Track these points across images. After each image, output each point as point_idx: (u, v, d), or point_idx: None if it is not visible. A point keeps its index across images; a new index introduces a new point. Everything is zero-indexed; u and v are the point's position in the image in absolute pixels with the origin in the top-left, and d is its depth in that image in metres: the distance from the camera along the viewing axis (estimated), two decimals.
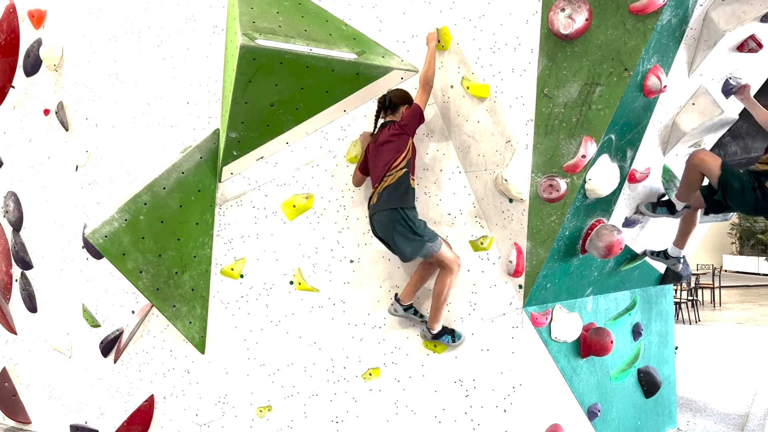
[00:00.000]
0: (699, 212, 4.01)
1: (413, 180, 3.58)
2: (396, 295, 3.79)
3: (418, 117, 3.55)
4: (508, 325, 3.76)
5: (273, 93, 3.61)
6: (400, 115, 3.64)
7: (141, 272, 3.75)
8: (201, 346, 3.94)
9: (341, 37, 3.78)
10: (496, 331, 3.77)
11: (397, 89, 3.67)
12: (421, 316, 3.77)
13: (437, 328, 3.70)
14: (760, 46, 3.53)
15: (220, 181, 3.90)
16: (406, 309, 3.74)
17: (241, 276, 3.92)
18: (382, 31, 3.81)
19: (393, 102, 3.66)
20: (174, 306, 3.86)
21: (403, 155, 3.52)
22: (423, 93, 3.55)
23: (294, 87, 3.63)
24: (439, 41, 3.61)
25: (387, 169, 3.51)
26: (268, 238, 3.91)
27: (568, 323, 3.90)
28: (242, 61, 3.42)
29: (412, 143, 3.59)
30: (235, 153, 3.78)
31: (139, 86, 4.38)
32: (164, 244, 3.78)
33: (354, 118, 3.90)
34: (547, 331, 3.87)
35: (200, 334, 3.93)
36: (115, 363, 4.43)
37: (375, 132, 3.73)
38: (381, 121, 3.73)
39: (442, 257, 3.55)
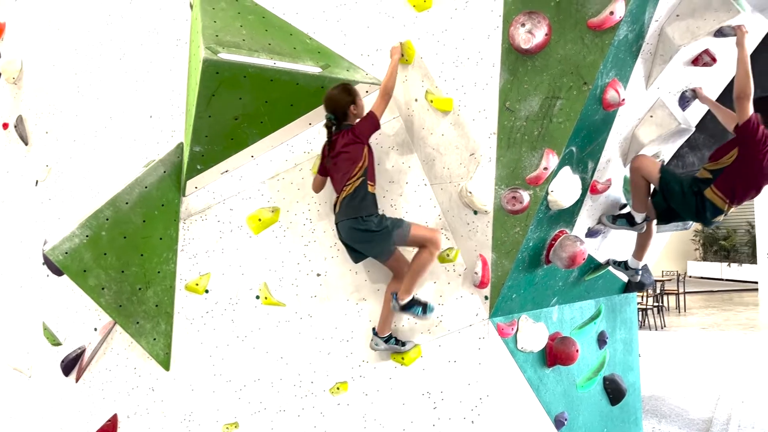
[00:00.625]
0: (654, 224, 4.10)
1: (371, 186, 3.52)
2: (373, 329, 3.78)
3: (373, 125, 3.47)
4: (474, 336, 3.78)
5: (237, 106, 3.60)
6: (352, 118, 3.53)
7: (103, 289, 3.69)
8: (166, 363, 3.88)
9: (306, 51, 3.79)
10: (462, 342, 3.79)
11: (333, 96, 3.49)
12: (404, 343, 3.75)
13: (406, 300, 3.54)
14: (714, 60, 3.64)
15: (184, 195, 3.85)
16: (387, 340, 3.72)
17: (206, 291, 3.87)
18: (346, 44, 3.83)
19: (339, 116, 3.51)
20: (138, 323, 3.79)
21: (359, 165, 3.46)
22: (381, 102, 3.49)
23: (258, 100, 3.63)
24: (402, 55, 3.63)
25: (345, 180, 3.48)
26: (234, 253, 3.87)
27: (534, 333, 3.94)
28: (205, 74, 3.41)
29: (368, 149, 3.52)
30: (199, 167, 3.76)
31: (101, 99, 4.32)
32: (127, 259, 3.72)
33: (320, 131, 3.89)
34: (514, 342, 3.90)
35: (165, 350, 3.87)
36: (77, 382, 4.32)
37: (329, 140, 3.59)
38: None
39: (416, 236, 3.51)
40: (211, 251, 3.88)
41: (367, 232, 3.44)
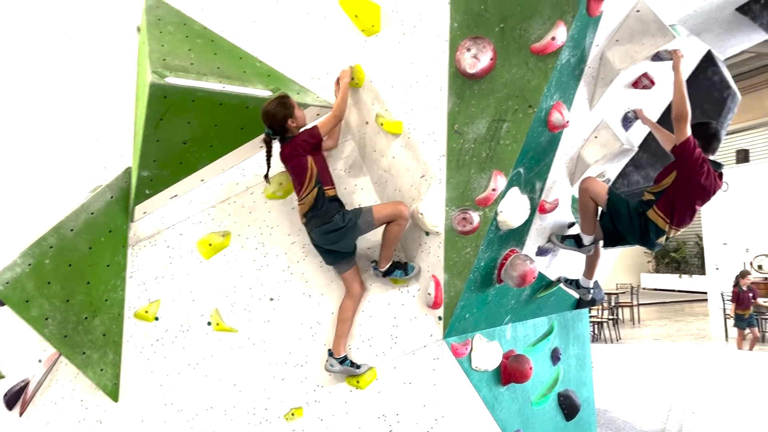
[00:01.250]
0: (601, 245, 4.20)
1: (329, 189, 3.56)
2: (329, 350, 3.76)
3: (312, 138, 3.48)
4: (429, 357, 3.79)
5: (186, 130, 3.56)
6: (293, 130, 3.52)
7: (47, 319, 3.57)
8: (114, 394, 3.77)
9: (256, 74, 3.79)
10: (417, 363, 3.79)
11: (269, 111, 3.45)
12: (358, 366, 3.74)
13: (385, 267, 3.72)
14: (652, 83, 3.77)
15: (132, 221, 3.78)
16: (342, 362, 3.70)
17: (156, 318, 3.79)
18: (296, 68, 3.84)
19: (278, 131, 3.50)
20: (84, 353, 3.68)
21: (307, 176, 3.49)
22: (330, 120, 3.53)
23: (207, 124, 3.60)
24: (353, 78, 3.66)
25: (300, 191, 3.54)
26: (184, 278, 3.81)
27: (488, 352, 3.97)
28: (152, 99, 3.37)
29: (316, 157, 3.52)
30: (147, 192, 3.69)
31: (47, 124, 4.22)
32: (72, 288, 3.62)
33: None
34: (468, 361, 3.92)
35: (113, 381, 3.76)
36: (20, 416, 4.16)
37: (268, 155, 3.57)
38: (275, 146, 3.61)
39: (381, 216, 3.58)
40: (160, 277, 3.81)
41: (335, 231, 3.52)
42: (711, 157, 3.72)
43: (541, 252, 4.16)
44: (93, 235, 3.68)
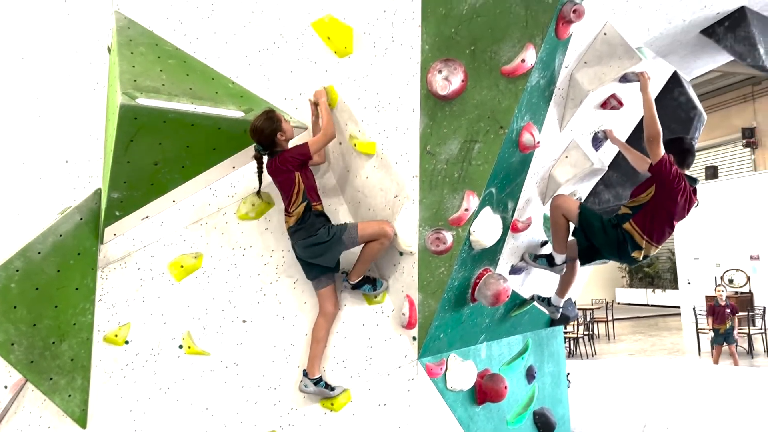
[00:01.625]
0: (577, 264, 4.22)
1: (316, 204, 3.60)
2: (304, 370, 3.72)
3: (301, 154, 3.51)
4: (404, 378, 3.78)
5: (157, 151, 3.53)
6: (283, 145, 3.55)
7: (13, 344, 3.49)
8: (82, 421, 3.67)
9: (228, 95, 3.77)
10: (392, 384, 3.77)
11: (257, 127, 3.48)
12: (333, 388, 3.71)
13: (356, 280, 3.73)
14: (620, 104, 3.84)
15: (102, 243, 3.72)
16: (316, 383, 3.67)
17: (126, 342, 3.72)
18: (269, 89, 3.84)
19: (267, 146, 3.53)
20: (51, 379, 3.60)
21: (294, 191, 3.53)
22: (321, 140, 3.53)
23: (179, 145, 3.57)
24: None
25: (288, 206, 3.57)
26: (155, 301, 3.75)
27: (462, 372, 3.97)
28: (123, 120, 3.34)
29: (303, 172, 3.55)
30: (117, 213, 3.64)
31: (14, 144, 4.15)
32: (39, 312, 3.54)
33: (244, 174, 3.86)
34: (443, 381, 3.91)
35: (81, 407, 3.67)
36: None
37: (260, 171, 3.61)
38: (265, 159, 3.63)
39: (365, 234, 3.60)
40: (131, 300, 3.74)
41: (319, 245, 3.55)
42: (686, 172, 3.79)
43: (515, 271, 4.18)
44: (61, 257, 3.61)
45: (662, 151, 3.60)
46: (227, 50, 3.86)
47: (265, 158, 3.61)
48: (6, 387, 3.99)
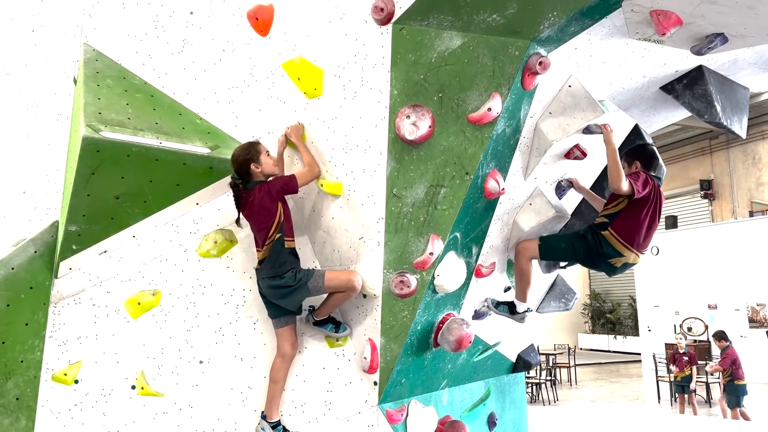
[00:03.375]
0: (534, 263, 4.11)
1: (289, 241, 3.56)
2: (262, 413, 3.62)
3: (287, 184, 3.52)
4: (363, 424, 3.70)
5: (119, 185, 3.47)
6: (258, 175, 3.54)
7: None
8: None
9: (195, 131, 3.75)
10: (351, 430, 3.68)
11: (233, 158, 3.53)
12: None
13: (321, 318, 3.72)
14: (584, 154, 3.92)
15: (56, 277, 3.60)
16: (274, 426, 3.57)
17: (76, 381, 3.57)
18: (237, 126, 3.83)
19: (243, 176, 3.54)
20: None
21: (275, 221, 3.50)
22: (307, 173, 3.56)
23: (142, 180, 3.52)
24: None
25: (264, 236, 3.52)
26: (109, 339, 3.62)
27: (423, 418, 3.91)
28: (85, 152, 3.28)
29: (284, 205, 3.55)
30: (74, 247, 3.55)
31: None
32: None
33: (207, 211, 3.80)
34: (403, 428, 3.85)
35: None
36: None
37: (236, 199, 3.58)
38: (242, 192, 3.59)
39: (332, 285, 3.54)
40: (83, 337, 3.61)
41: (284, 288, 3.50)
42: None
43: (478, 316, 4.18)
44: (12, 291, 3.47)
45: (627, 186, 3.65)
46: (196, 86, 3.85)
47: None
48: None
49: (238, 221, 3.62)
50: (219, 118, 3.82)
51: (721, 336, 9.92)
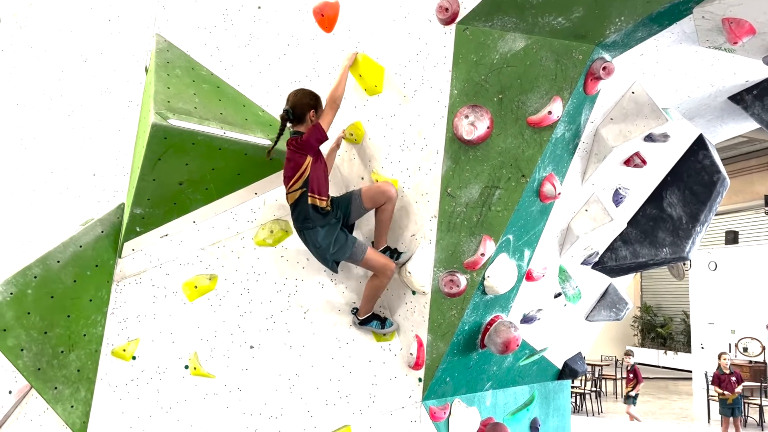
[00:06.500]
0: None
1: (317, 199, 3.48)
2: (354, 308, 3.82)
3: (319, 136, 3.45)
4: (406, 419, 3.73)
5: (183, 172, 3.60)
6: (307, 125, 3.51)
7: (22, 350, 3.51)
8: None
9: (257, 123, 3.86)
10: (394, 424, 3.73)
11: (299, 93, 3.54)
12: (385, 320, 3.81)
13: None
14: (644, 162, 3.85)
15: (120, 257, 3.77)
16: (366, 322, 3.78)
17: (134, 358, 3.73)
18: None
19: (296, 114, 3.52)
20: (56, 388, 3.60)
21: (298, 174, 3.46)
22: (328, 112, 3.47)
23: (205, 167, 3.64)
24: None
25: (287, 187, 3.53)
26: (166, 319, 3.77)
27: (466, 418, 3.92)
28: (153, 139, 3.42)
29: (315, 161, 3.49)
30: (138, 229, 3.70)
31: (45, 154, 4.26)
32: (52, 320, 3.57)
33: (265, 201, 3.91)
34: (446, 426, 3.86)
35: (82, 419, 3.66)
36: None
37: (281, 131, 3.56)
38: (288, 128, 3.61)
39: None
40: (142, 316, 3.77)
41: (312, 245, 3.57)
42: None
43: (527, 320, 4.15)
44: (79, 268, 3.65)
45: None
46: (260, 79, 3.95)
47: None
48: (10, 392, 4.01)
49: (269, 153, 3.55)
50: (281, 111, 3.91)
51: None
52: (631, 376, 11.30)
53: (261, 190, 3.84)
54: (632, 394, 11.14)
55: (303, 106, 3.51)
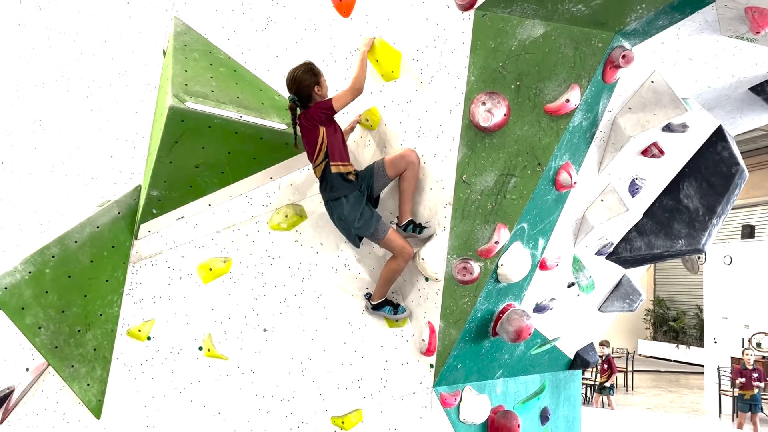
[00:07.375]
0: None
1: (338, 165, 3.50)
2: (367, 294, 3.84)
3: (327, 110, 3.45)
4: (417, 404, 3.76)
5: (199, 155, 3.62)
6: (318, 99, 3.52)
7: (40, 328, 3.56)
8: (97, 411, 3.73)
9: (274, 107, 3.86)
10: (405, 409, 3.75)
11: (295, 78, 3.50)
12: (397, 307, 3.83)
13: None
14: (662, 152, 3.82)
15: (136, 239, 3.81)
16: (379, 307, 3.79)
17: (149, 338, 3.78)
18: None
19: (302, 98, 3.53)
20: (72, 366, 3.66)
21: (317, 148, 3.50)
22: (347, 93, 3.45)
23: (221, 151, 3.66)
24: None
25: (312, 162, 3.58)
26: (181, 301, 3.81)
27: (477, 405, 3.93)
28: (170, 121, 3.44)
29: (330, 129, 3.49)
30: (154, 211, 3.74)
31: (63, 135, 4.30)
32: (69, 299, 3.63)
33: (280, 185, 3.93)
34: (456, 413, 3.88)
35: (98, 397, 3.73)
36: (1, 423, 4.12)
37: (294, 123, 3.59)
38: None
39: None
40: (157, 297, 3.81)
41: (337, 218, 3.60)
42: None
43: (539, 309, 4.14)
44: (96, 248, 3.70)
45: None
46: (277, 64, 3.95)
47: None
48: (27, 369, 4.08)
49: (296, 144, 3.59)
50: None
51: None
52: (606, 366, 11.47)
53: (276, 174, 3.85)
54: (607, 384, 11.37)
55: (306, 88, 3.51)
